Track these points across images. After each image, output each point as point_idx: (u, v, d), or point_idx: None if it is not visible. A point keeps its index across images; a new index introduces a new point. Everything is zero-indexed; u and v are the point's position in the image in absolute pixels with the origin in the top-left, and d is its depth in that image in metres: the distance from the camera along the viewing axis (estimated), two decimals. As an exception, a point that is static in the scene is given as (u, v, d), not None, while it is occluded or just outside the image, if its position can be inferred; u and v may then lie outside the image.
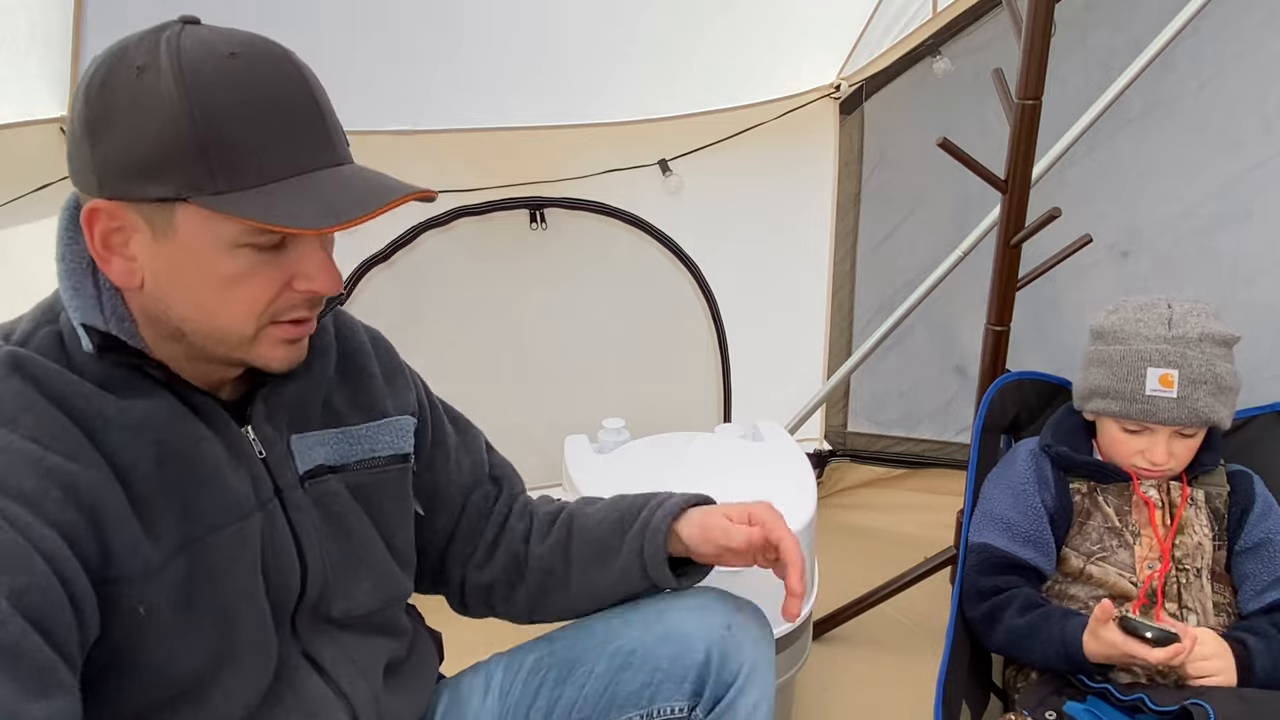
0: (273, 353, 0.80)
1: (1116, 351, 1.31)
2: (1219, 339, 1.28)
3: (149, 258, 0.75)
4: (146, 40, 0.73)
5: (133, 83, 0.71)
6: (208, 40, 0.73)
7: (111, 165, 0.72)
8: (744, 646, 1.00)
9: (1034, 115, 1.49)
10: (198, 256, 0.74)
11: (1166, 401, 1.26)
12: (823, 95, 2.16)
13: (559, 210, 2.02)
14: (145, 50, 0.72)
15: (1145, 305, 1.33)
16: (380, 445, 0.96)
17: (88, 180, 0.74)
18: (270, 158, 0.72)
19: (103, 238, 0.75)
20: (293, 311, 0.79)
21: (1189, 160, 1.89)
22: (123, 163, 0.71)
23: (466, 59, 1.80)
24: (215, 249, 0.74)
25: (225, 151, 0.71)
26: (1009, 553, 1.32)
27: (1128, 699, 1.15)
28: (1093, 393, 1.34)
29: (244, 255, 0.74)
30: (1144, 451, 1.30)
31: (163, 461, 0.77)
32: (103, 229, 0.74)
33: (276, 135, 0.73)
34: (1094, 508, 1.33)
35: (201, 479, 0.79)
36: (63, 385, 0.74)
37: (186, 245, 0.73)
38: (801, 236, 2.30)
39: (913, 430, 2.41)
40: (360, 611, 0.94)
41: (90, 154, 0.73)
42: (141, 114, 0.70)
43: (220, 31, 0.75)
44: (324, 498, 0.91)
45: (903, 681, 1.79)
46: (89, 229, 0.74)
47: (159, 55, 0.71)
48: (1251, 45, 1.77)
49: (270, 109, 0.73)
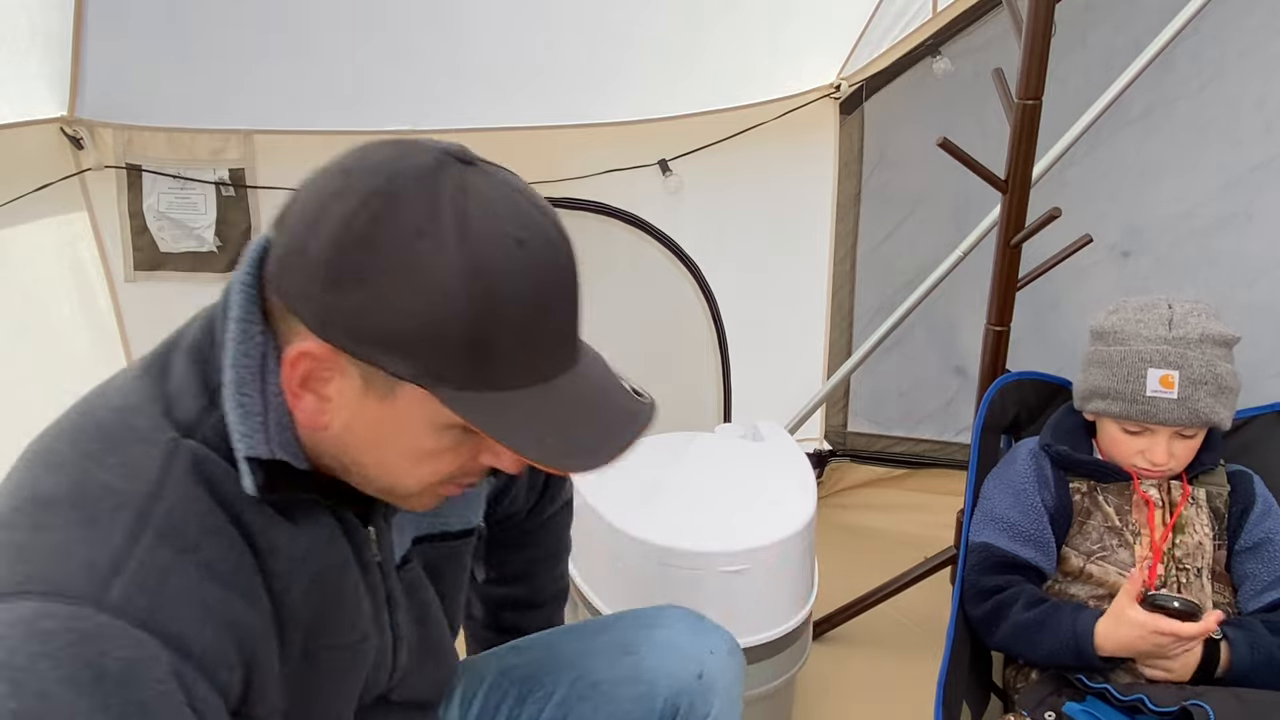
0: (423, 503, 0.76)
1: (1117, 352, 1.30)
2: (1220, 339, 1.28)
3: (350, 409, 0.67)
4: (424, 193, 0.63)
5: (407, 247, 0.62)
6: (494, 211, 0.64)
7: (350, 321, 0.63)
8: (713, 694, 0.97)
9: (1034, 115, 1.49)
10: (404, 427, 0.67)
11: (1167, 402, 1.26)
12: (823, 95, 2.15)
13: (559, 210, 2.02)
14: (425, 210, 0.62)
15: (1146, 305, 1.32)
16: (453, 519, 0.92)
17: (308, 314, 0.64)
18: (522, 366, 0.66)
19: (304, 378, 0.66)
20: (466, 478, 0.75)
21: (1189, 160, 1.89)
22: (366, 326, 0.63)
23: (467, 59, 1.80)
24: (425, 426, 0.67)
25: (485, 353, 0.63)
26: (1010, 552, 1.32)
27: (1127, 699, 1.15)
28: (1093, 393, 1.34)
29: (451, 434, 0.68)
30: (1144, 452, 1.30)
31: (312, 588, 0.73)
32: (307, 371, 0.66)
33: (537, 344, 0.66)
34: (1094, 507, 1.33)
35: (340, 603, 0.76)
36: (240, 504, 0.67)
37: (398, 415, 0.67)
38: (801, 236, 2.30)
39: (913, 430, 2.41)
40: (419, 700, 0.93)
41: (323, 295, 0.63)
42: (408, 288, 0.61)
43: (503, 192, 0.66)
44: (411, 585, 0.87)
45: (903, 681, 1.79)
46: (292, 368, 0.66)
47: (442, 223, 0.62)
48: (1252, 45, 1.77)
49: (542, 315, 0.66)
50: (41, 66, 1.59)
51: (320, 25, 1.65)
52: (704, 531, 1.45)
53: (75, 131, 1.67)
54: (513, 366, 0.65)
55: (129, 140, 1.73)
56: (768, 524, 1.50)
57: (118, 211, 1.76)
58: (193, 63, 1.67)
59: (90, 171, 1.72)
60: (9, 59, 1.54)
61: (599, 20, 1.84)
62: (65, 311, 1.75)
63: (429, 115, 1.83)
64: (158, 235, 1.79)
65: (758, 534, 1.48)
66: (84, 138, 1.68)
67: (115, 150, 1.72)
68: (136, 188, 1.76)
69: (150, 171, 1.75)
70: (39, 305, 1.72)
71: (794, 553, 1.51)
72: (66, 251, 1.74)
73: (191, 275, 1.80)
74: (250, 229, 1.81)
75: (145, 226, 1.78)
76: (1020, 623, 1.25)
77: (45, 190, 1.67)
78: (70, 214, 1.73)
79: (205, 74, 1.69)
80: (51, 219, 1.71)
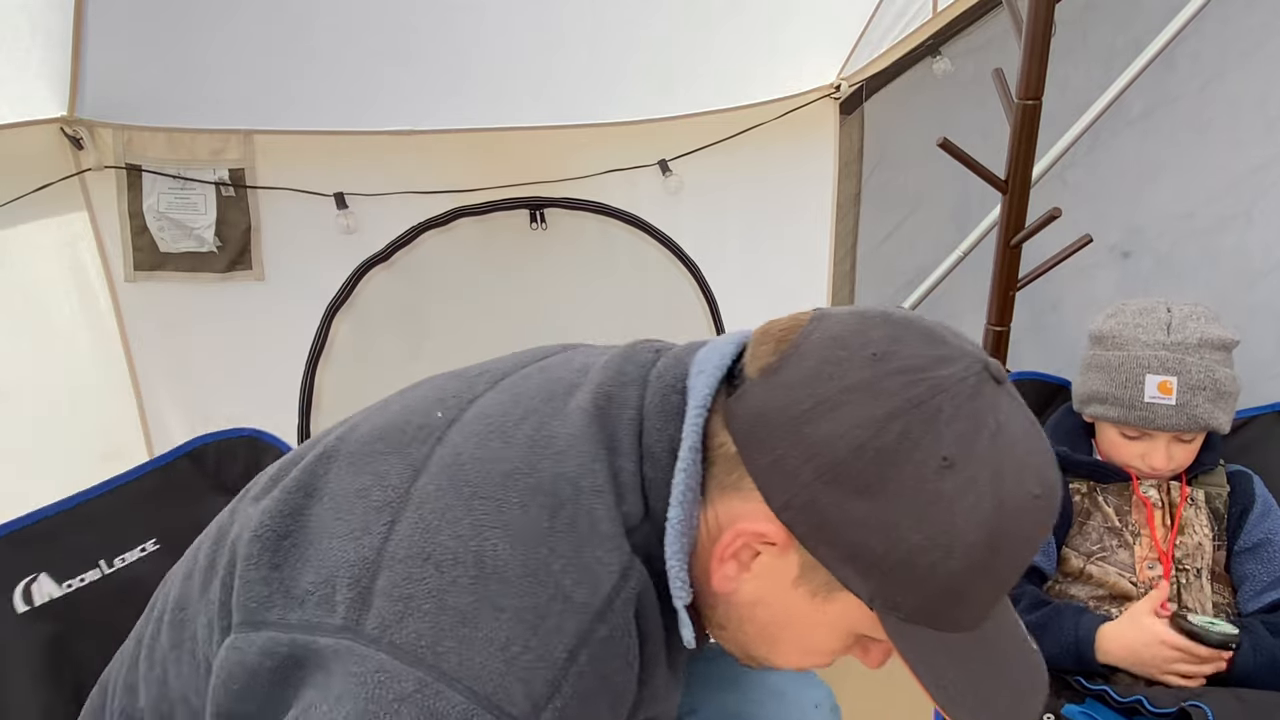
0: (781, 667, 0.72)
1: (1115, 357, 1.30)
2: (1218, 344, 1.28)
3: (768, 589, 0.63)
4: (964, 418, 0.58)
5: (931, 475, 0.57)
6: (1023, 459, 0.60)
7: (829, 523, 0.58)
8: None
9: (1034, 115, 1.48)
10: (818, 624, 0.64)
11: (1165, 408, 1.25)
12: (823, 95, 2.15)
13: (559, 210, 2.02)
14: (962, 439, 0.57)
15: (1144, 309, 1.32)
16: None
17: (781, 494, 0.59)
18: (979, 614, 0.62)
19: (737, 551, 0.63)
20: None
21: (1190, 160, 1.89)
22: (848, 536, 0.58)
23: (467, 59, 1.80)
24: (844, 634, 0.64)
25: (958, 599, 0.60)
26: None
27: (1126, 701, 1.15)
28: (1091, 398, 1.34)
29: (855, 638, 0.65)
30: (1143, 456, 1.30)
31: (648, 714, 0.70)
32: (743, 545, 0.62)
33: (999, 596, 0.63)
34: (1094, 508, 1.33)
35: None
36: (651, 635, 0.64)
37: (822, 616, 0.63)
38: (801, 236, 2.30)
39: (913, 430, 2.41)
40: None
41: (812, 484, 0.58)
42: (917, 519, 0.57)
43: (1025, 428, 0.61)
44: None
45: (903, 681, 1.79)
46: (735, 538, 0.62)
47: (977, 462, 0.57)
48: (1253, 45, 1.77)
49: (1017, 571, 0.62)
50: (41, 66, 1.59)
51: (320, 25, 1.65)
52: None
53: (75, 131, 1.67)
54: (971, 614, 0.61)
55: (129, 140, 1.73)
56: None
57: (117, 212, 1.76)
58: (193, 63, 1.67)
59: (90, 171, 1.72)
60: (9, 59, 1.54)
61: (599, 20, 1.84)
62: (65, 311, 1.75)
63: (429, 115, 1.83)
64: (158, 235, 1.79)
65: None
66: (84, 138, 1.68)
67: (115, 150, 1.72)
68: (136, 188, 1.76)
69: (150, 171, 1.75)
70: (39, 305, 1.72)
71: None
72: (66, 251, 1.74)
73: (191, 275, 1.80)
74: (250, 229, 1.81)
75: (145, 227, 1.78)
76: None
77: (45, 190, 1.67)
78: (70, 214, 1.73)
79: (205, 74, 1.69)
80: (51, 219, 1.71)
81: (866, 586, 0.59)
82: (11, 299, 1.68)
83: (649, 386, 0.66)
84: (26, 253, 1.68)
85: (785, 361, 0.62)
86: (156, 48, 1.63)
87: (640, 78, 1.99)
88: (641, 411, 0.65)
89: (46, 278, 1.72)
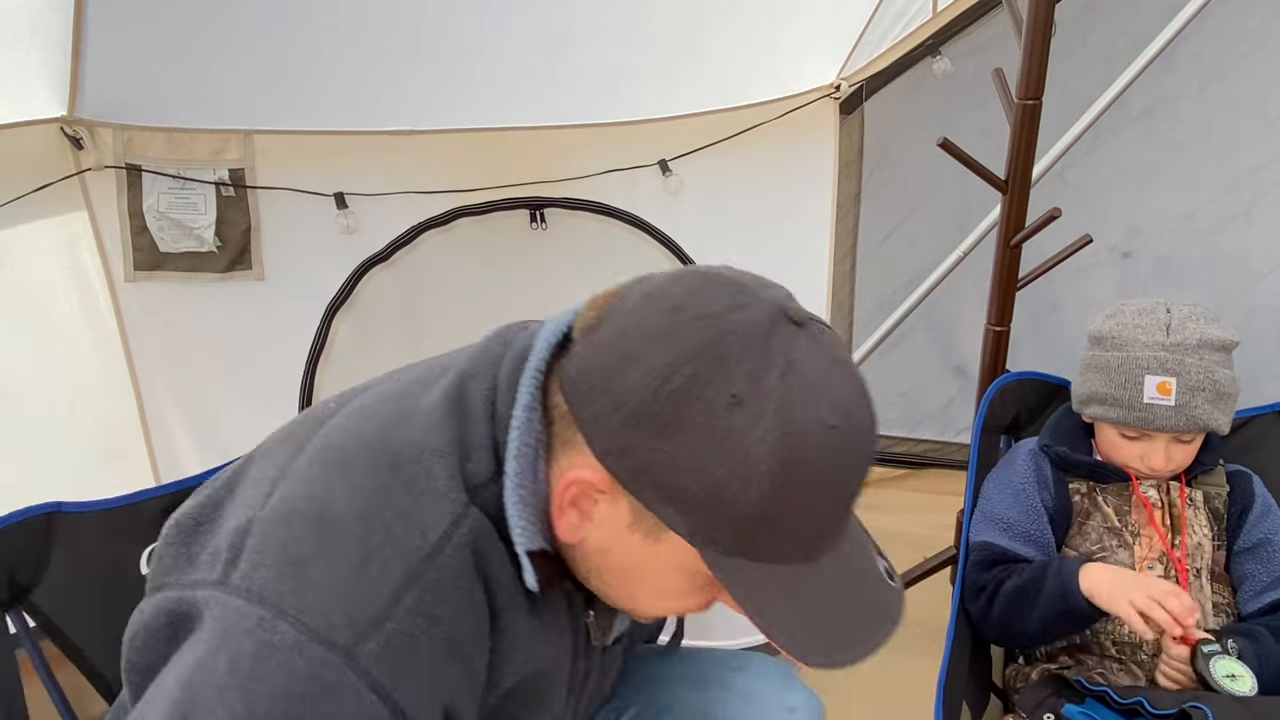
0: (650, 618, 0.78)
1: (1115, 358, 1.30)
2: (1218, 345, 1.28)
3: (610, 535, 0.68)
4: (750, 359, 0.62)
5: (723, 411, 0.61)
6: (816, 389, 0.63)
7: (640, 462, 0.63)
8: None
9: (1034, 115, 1.49)
10: (660, 568, 0.68)
11: (1164, 409, 1.25)
12: (823, 95, 2.15)
13: (559, 210, 2.02)
14: (749, 374, 0.61)
15: (1144, 310, 1.32)
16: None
17: (600, 440, 0.64)
18: (797, 544, 0.65)
19: (574, 498, 0.67)
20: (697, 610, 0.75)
21: (1190, 161, 1.89)
22: (657, 474, 0.63)
23: (467, 59, 1.80)
24: (679, 571, 0.68)
25: (767, 529, 0.63)
26: (1010, 550, 1.32)
27: (1126, 702, 1.15)
28: (1090, 398, 1.34)
29: (700, 579, 0.68)
30: (1143, 457, 1.30)
31: (525, 675, 0.74)
32: (579, 492, 0.67)
33: (816, 525, 0.66)
34: (1093, 508, 1.33)
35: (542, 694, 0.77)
36: (500, 580, 0.68)
37: (657, 556, 0.67)
38: (801, 236, 2.30)
39: (913, 431, 2.41)
40: None
41: (621, 429, 0.63)
42: (714, 451, 0.61)
43: (825, 366, 0.64)
44: (609, 660, 0.90)
45: (903, 681, 1.79)
46: (565, 488, 0.67)
47: (764, 395, 0.61)
48: (1253, 45, 1.77)
49: (831, 499, 0.66)
50: (41, 66, 1.59)
51: (321, 25, 1.65)
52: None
53: (75, 131, 1.67)
54: (787, 544, 0.64)
55: (129, 140, 1.73)
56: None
57: (117, 211, 1.76)
58: (193, 63, 1.67)
59: (90, 171, 1.72)
60: (9, 59, 1.54)
61: (599, 20, 1.84)
62: (65, 311, 1.75)
63: (430, 115, 1.83)
64: (157, 235, 1.79)
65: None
66: (84, 138, 1.68)
67: (115, 150, 1.72)
68: (136, 188, 1.76)
69: (150, 171, 1.75)
70: (39, 305, 1.72)
71: (794, 553, 1.51)
72: (66, 251, 1.74)
73: (191, 275, 1.80)
74: (250, 229, 1.81)
75: (145, 226, 1.78)
76: (1011, 588, 1.26)
77: (45, 190, 1.67)
78: (70, 214, 1.73)
79: (205, 74, 1.69)
80: (51, 219, 1.71)
81: (685, 523, 0.63)
82: (11, 299, 1.68)
83: (504, 360, 0.72)
84: (26, 253, 1.68)
85: (603, 321, 0.67)
86: (156, 48, 1.63)
87: (640, 78, 1.99)
88: (495, 381, 0.71)
89: (46, 278, 1.72)
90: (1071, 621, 1.23)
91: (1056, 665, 1.28)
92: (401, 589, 0.62)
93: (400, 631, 0.61)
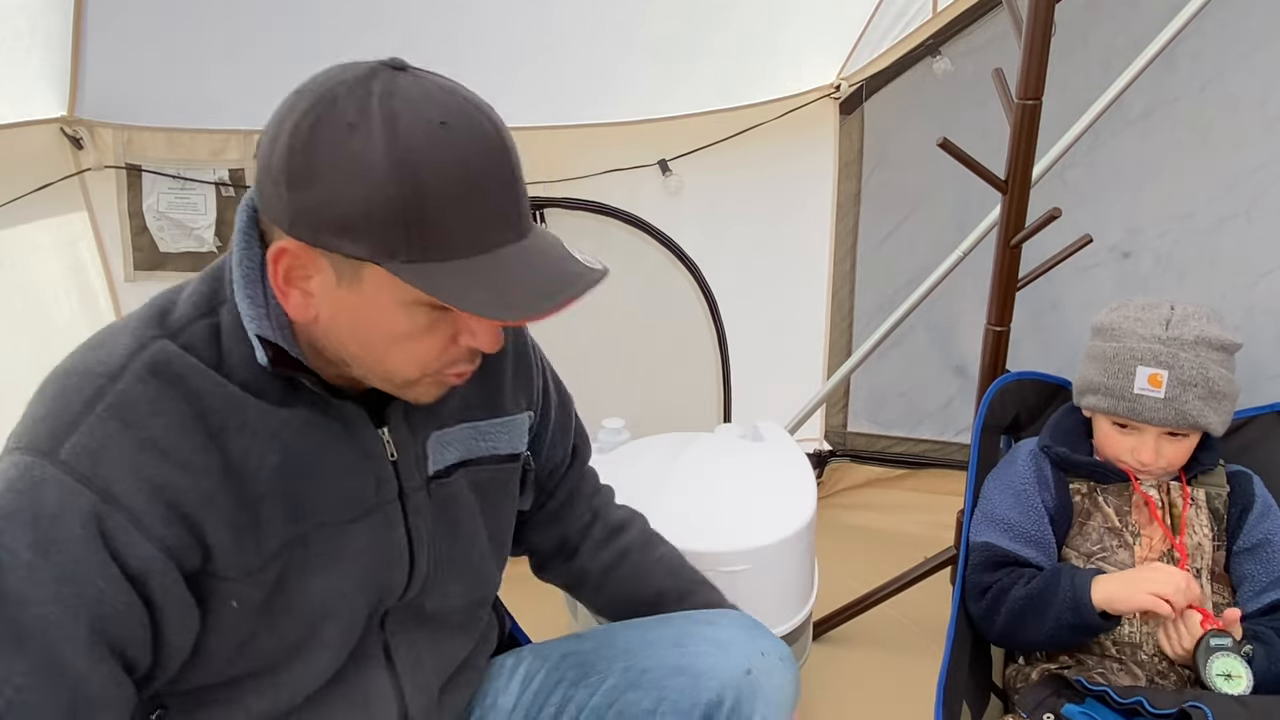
0: (427, 393, 0.83)
1: (1111, 348, 1.31)
2: (1216, 343, 1.28)
3: (328, 300, 0.76)
4: (357, 92, 0.71)
5: (342, 140, 0.70)
6: (419, 102, 0.72)
7: (307, 215, 0.72)
8: (761, 693, 0.99)
9: (1034, 115, 1.49)
10: (377, 310, 0.75)
11: (1153, 401, 1.26)
12: (823, 95, 2.15)
13: (559, 210, 2.02)
14: (356, 105, 0.71)
15: (1148, 305, 1.33)
16: (501, 444, 0.99)
17: (279, 217, 0.74)
18: (463, 235, 0.73)
19: (286, 274, 0.76)
20: (455, 366, 0.82)
21: (1190, 161, 1.89)
22: (320, 216, 0.72)
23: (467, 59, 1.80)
24: (394, 306, 0.75)
25: (424, 225, 0.71)
26: (1011, 551, 1.32)
27: (1126, 701, 1.15)
28: (1086, 388, 1.34)
29: (420, 313, 0.76)
30: (1133, 450, 1.30)
31: (285, 464, 0.80)
32: (287, 266, 0.75)
33: (473, 215, 0.73)
34: (1094, 508, 1.33)
35: (321, 480, 0.82)
36: (202, 384, 0.77)
37: (368, 298, 0.75)
38: (801, 236, 2.30)
39: (913, 430, 2.41)
40: (451, 608, 0.98)
41: (287, 197, 0.73)
42: (347, 175, 0.70)
43: (430, 89, 0.73)
44: (446, 498, 0.94)
45: (903, 681, 1.79)
46: (274, 264, 0.75)
47: (371, 114, 0.70)
48: (1253, 45, 1.77)
49: (472, 188, 0.73)
50: (42, 66, 1.59)
51: (320, 25, 1.65)
52: (704, 531, 1.45)
53: (75, 131, 1.67)
54: (451, 238, 0.72)
55: (129, 140, 1.73)
56: (768, 524, 1.50)
57: (117, 211, 1.76)
58: (193, 63, 1.67)
59: (90, 171, 1.72)
60: (9, 59, 1.54)
61: (599, 20, 1.84)
62: (65, 312, 1.75)
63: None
64: (157, 235, 1.79)
65: (758, 534, 1.48)
66: (84, 138, 1.68)
67: (115, 150, 1.72)
68: (136, 188, 1.76)
69: (150, 171, 1.75)
70: (39, 305, 1.72)
71: (794, 553, 1.51)
72: (66, 251, 1.74)
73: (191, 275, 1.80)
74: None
75: (145, 226, 1.78)
76: (1019, 598, 1.25)
77: (45, 190, 1.67)
78: (70, 214, 1.73)
79: (205, 74, 1.69)
80: (51, 219, 1.71)
81: (365, 248, 0.71)
82: (11, 299, 1.68)
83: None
84: (26, 253, 1.68)
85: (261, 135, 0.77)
86: (156, 48, 1.63)
87: (640, 78, 1.99)
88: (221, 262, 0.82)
89: (46, 278, 1.72)
90: (1082, 633, 1.23)
91: (1057, 665, 1.28)
92: (90, 405, 0.73)
93: (93, 434, 0.72)
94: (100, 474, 0.71)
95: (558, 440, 1.12)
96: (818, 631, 1.90)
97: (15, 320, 1.68)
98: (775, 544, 1.47)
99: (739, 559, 1.44)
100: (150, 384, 0.75)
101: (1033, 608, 1.24)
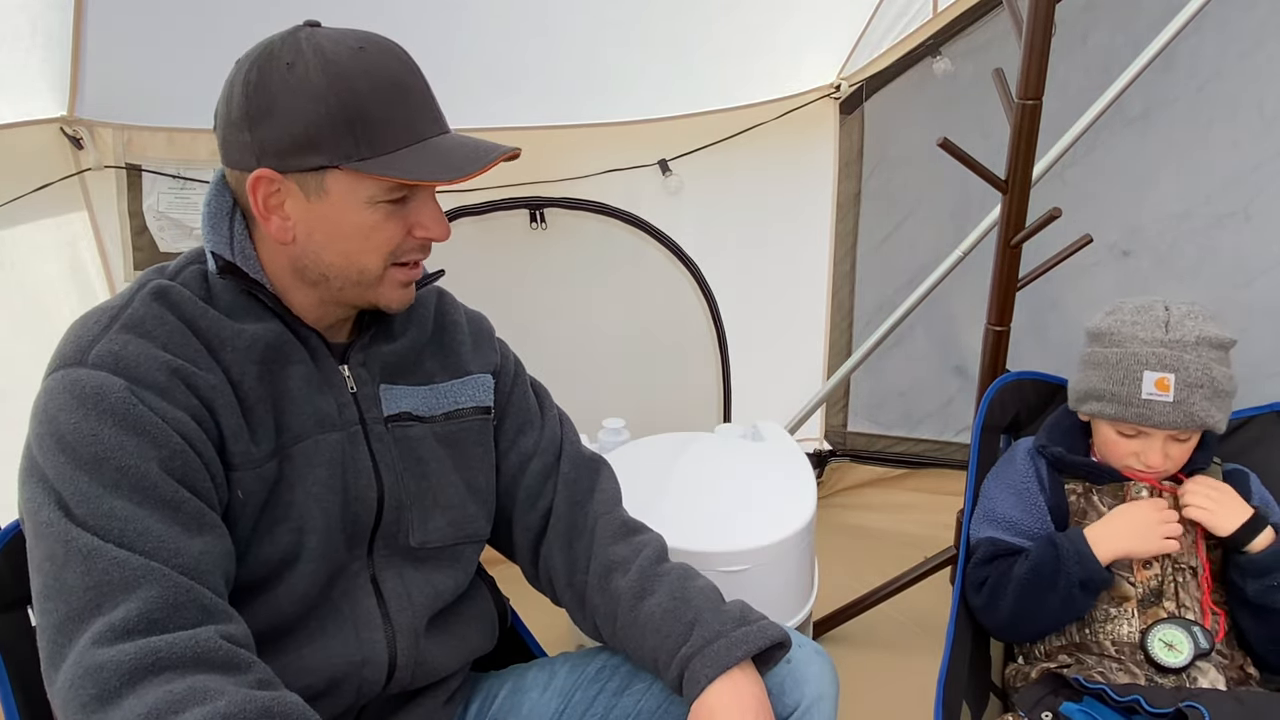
0: (392, 294, 0.97)
1: (1113, 354, 1.30)
2: (1216, 342, 1.28)
3: (302, 216, 0.91)
4: (287, 42, 0.89)
5: (285, 76, 0.87)
6: (337, 38, 0.90)
7: (271, 145, 0.88)
8: (805, 683, 1.04)
9: (1034, 115, 1.49)
10: (343, 212, 0.90)
11: (1162, 405, 1.25)
12: (823, 95, 2.16)
13: (559, 210, 2.02)
14: (289, 49, 0.88)
15: (1142, 307, 1.32)
16: (464, 398, 1.09)
17: (246, 159, 0.90)
18: (399, 129, 0.89)
19: (264, 200, 0.90)
20: (410, 254, 0.96)
21: (1189, 160, 1.89)
22: (282, 142, 0.87)
23: (467, 59, 1.80)
24: (357, 205, 0.90)
25: (365, 125, 0.87)
26: (1014, 545, 1.32)
27: (1124, 700, 1.15)
28: (1088, 395, 1.33)
29: (380, 209, 0.91)
30: (1139, 454, 1.30)
31: (263, 378, 0.93)
32: (264, 193, 0.90)
33: (402, 111, 0.90)
34: (1090, 508, 1.33)
35: (292, 396, 0.95)
36: (193, 310, 0.91)
37: (335, 203, 0.90)
38: (801, 236, 2.30)
39: (913, 430, 2.41)
40: (436, 544, 1.04)
41: (250, 137, 0.88)
42: (296, 100, 0.86)
43: (342, 31, 0.91)
44: (405, 439, 1.03)
45: (903, 681, 1.79)
46: (253, 194, 0.90)
47: (303, 52, 0.88)
48: (1252, 45, 1.77)
49: (395, 90, 0.90)
50: (42, 66, 1.59)
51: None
52: (704, 531, 1.45)
53: (75, 131, 1.67)
54: (390, 129, 0.89)
55: (129, 140, 1.73)
56: (768, 524, 1.50)
57: (117, 211, 1.76)
58: (193, 63, 1.66)
59: (90, 171, 1.72)
60: (9, 59, 1.54)
61: (599, 20, 1.84)
62: (65, 312, 1.75)
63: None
64: (157, 235, 1.79)
65: (758, 534, 1.48)
66: (84, 138, 1.68)
67: (115, 150, 1.72)
68: (136, 188, 1.76)
69: (150, 171, 1.75)
70: (39, 305, 1.72)
71: (794, 553, 1.51)
72: (66, 251, 1.74)
73: (191, 275, 1.80)
74: (250, 229, 1.81)
75: (145, 226, 1.78)
76: (1023, 575, 1.26)
77: (45, 190, 1.67)
78: (70, 214, 1.73)
79: (205, 74, 1.68)
80: (51, 219, 1.71)
81: (326, 156, 0.87)
82: (11, 299, 1.68)
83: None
84: (26, 253, 1.68)
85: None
86: (156, 48, 1.63)
87: (640, 77, 1.99)
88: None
89: (46, 278, 1.72)
90: (1093, 591, 1.24)
91: (1055, 664, 1.28)
92: (107, 326, 0.88)
93: (112, 341, 0.87)
94: (124, 367, 0.85)
95: (527, 430, 1.13)
96: (818, 631, 1.91)
97: (15, 320, 1.68)
98: (775, 544, 1.48)
99: (739, 559, 1.44)
100: (153, 306, 0.90)
101: (1039, 579, 1.24)
